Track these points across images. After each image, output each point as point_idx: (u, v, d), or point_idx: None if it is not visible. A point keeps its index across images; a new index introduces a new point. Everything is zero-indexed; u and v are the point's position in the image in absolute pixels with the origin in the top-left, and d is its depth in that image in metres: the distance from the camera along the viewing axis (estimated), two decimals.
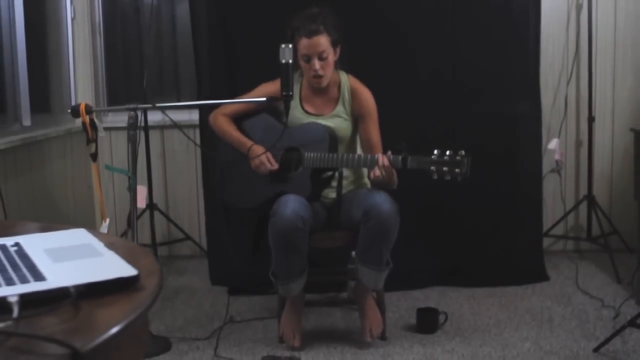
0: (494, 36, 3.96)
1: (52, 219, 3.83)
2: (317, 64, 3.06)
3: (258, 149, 3.14)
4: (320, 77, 3.10)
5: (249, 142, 3.19)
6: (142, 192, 4.20)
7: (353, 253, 3.32)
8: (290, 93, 2.59)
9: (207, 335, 3.30)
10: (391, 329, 3.30)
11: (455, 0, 3.94)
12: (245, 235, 3.87)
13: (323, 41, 3.04)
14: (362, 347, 3.13)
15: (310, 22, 3.04)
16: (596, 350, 2.95)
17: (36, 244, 1.31)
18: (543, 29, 4.10)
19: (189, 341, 3.24)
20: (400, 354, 3.06)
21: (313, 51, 3.04)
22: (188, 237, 4.55)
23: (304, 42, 3.03)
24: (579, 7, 4.40)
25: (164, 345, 3.15)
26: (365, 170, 3.25)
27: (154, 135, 4.55)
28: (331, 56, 3.09)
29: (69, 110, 2.75)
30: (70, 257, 1.23)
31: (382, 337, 3.21)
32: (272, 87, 3.19)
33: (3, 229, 1.66)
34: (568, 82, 4.46)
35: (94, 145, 2.77)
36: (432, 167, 2.85)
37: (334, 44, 3.09)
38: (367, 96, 3.22)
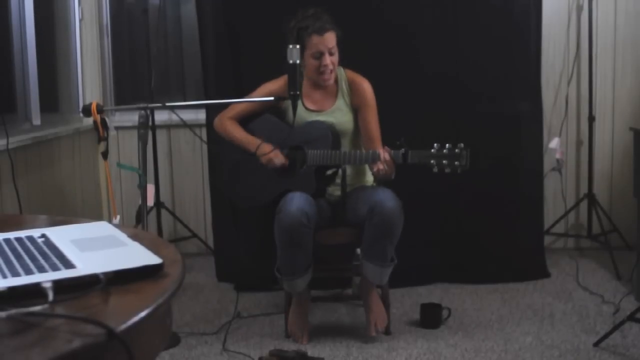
0: (496, 37, 4.01)
1: (61, 216, 3.88)
2: (328, 58, 3.13)
3: (266, 147, 3.20)
4: (330, 72, 3.16)
5: (256, 141, 3.24)
6: (150, 190, 4.27)
7: (358, 250, 3.39)
8: (298, 93, 2.65)
9: (215, 330, 3.36)
10: (395, 324, 3.37)
11: (457, 2, 4.00)
12: (252, 232, 3.94)
13: (332, 37, 3.13)
14: (367, 341, 3.19)
15: (317, 20, 3.11)
16: (596, 344, 3.01)
17: (62, 235, 1.37)
18: (544, 30, 4.16)
19: (197, 336, 3.30)
20: (405, 348, 3.12)
21: (324, 47, 3.11)
22: (194, 235, 4.61)
23: (315, 39, 3.10)
24: (579, 8, 4.46)
25: (173, 339, 3.21)
26: (366, 167, 3.30)
27: (161, 135, 4.62)
28: (337, 53, 3.17)
29: (81, 110, 2.81)
30: (97, 247, 1.30)
31: (387, 331, 3.27)
32: (274, 85, 3.25)
33: (24, 222, 1.73)
34: (569, 82, 4.51)
35: (104, 143, 2.82)
36: (432, 161, 2.91)
37: (338, 41, 3.16)
38: (365, 86, 3.28)
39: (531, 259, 4.10)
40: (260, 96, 3.26)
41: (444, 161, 2.90)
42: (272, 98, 2.95)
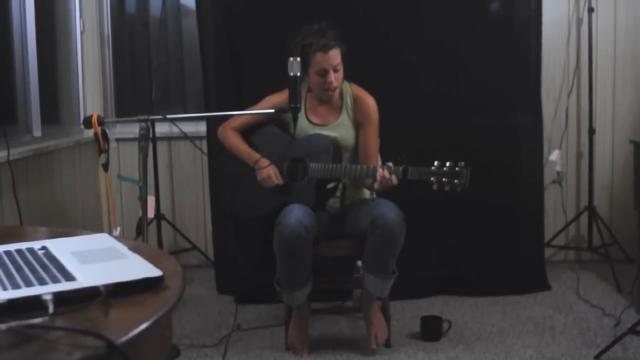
0: (496, 50, 4.02)
1: (62, 227, 3.88)
2: (332, 76, 3.12)
3: (265, 163, 3.20)
4: (335, 89, 3.16)
5: (256, 155, 3.24)
6: (150, 202, 4.27)
7: (358, 262, 3.38)
8: (299, 105, 2.65)
9: (215, 342, 3.35)
10: (396, 337, 3.36)
11: (458, 15, 4.00)
12: (252, 244, 3.93)
13: (336, 54, 3.11)
14: (367, 354, 3.19)
15: (321, 37, 3.10)
16: (597, 357, 3.00)
17: (62, 247, 1.37)
18: (544, 43, 4.17)
19: (197, 348, 3.30)
20: None
21: (329, 64, 3.10)
22: (194, 247, 4.61)
23: (320, 57, 3.09)
24: (579, 22, 4.48)
25: (173, 351, 3.20)
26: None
27: (162, 147, 4.62)
28: (342, 69, 3.16)
29: (82, 121, 2.81)
30: (97, 259, 1.30)
31: (387, 344, 3.26)
32: (278, 98, 3.24)
33: (25, 234, 1.73)
34: (569, 95, 4.52)
35: (105, 155, 2.82)
36: (432, 178, 2.92)
37: (343, 56, 3.16)
38: (369, 103, 3.28)
39: (532, 271, 4.09)
40: (265, 108, 3.26)
41: (444, 179, 2.90)
42: (273, 110, 2.95)
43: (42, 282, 1.13)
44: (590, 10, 4.31)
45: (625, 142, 4.32)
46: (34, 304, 1.03)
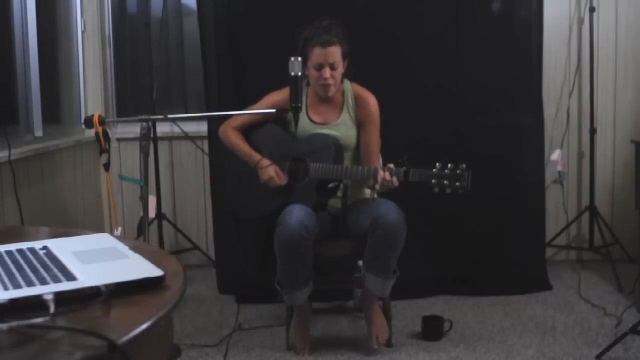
0: (497, 49, 4.02)
1: (63, 227, 3.88)
2: (327, 72, 3.13)
3: (266, 163, 3.20)
4: (329, 85, 3.17)
5: (257, 156, 3.24)
6: (151, 201, 4.27)
7: (359, 262, 3.38)
8: (300, 104, 2.65)
9: (216, 342, 3.35)
10: (397, 336, 3.36)
11: (459, 15, 4.00)
12: (253, 244, 3.93)
13: (336, 51, 3.12)
14: (368, 353, 3.19)
15: (324, 32, 3.12)
16: (598, 357, 3.00)
17: (64, 247, 1.37)
18: (545, 42, 4.17)
19: (198, 348, 3.30)
20: None
21: (325, 60, 3.11)
22: (196, 247, 4.61)
23: (317, 51, 3.10)
24: (580, 21, 4.47)
25: (174, 351, 3.20)
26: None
27: (163, 146, 4.62)
28: (340, 67, 3.17)
29: (83, 121, 2.81)
30: (98, 259, 1.30)
31: (388, 344, 3.26)
32: (279, 96, 3.24)
33: (26, 234, 1.73)
34: (570, 95, 4.52)
35: (106, 155, 2.82)
36: (433, 181, 2.92)
37: (344, 55, 3.16)
38: (371, 102, 3.28)
39: (533, 271, 4.09)
40: (266, 106, 3.26)
41: (445, 181, 2.90)
42: (274, 110, 2.94)
43: (43, 281, 1.13)
44: (592, 9, 4.31)
45: (626, 141, 4.32)
46: (35, 304, 1.03)
